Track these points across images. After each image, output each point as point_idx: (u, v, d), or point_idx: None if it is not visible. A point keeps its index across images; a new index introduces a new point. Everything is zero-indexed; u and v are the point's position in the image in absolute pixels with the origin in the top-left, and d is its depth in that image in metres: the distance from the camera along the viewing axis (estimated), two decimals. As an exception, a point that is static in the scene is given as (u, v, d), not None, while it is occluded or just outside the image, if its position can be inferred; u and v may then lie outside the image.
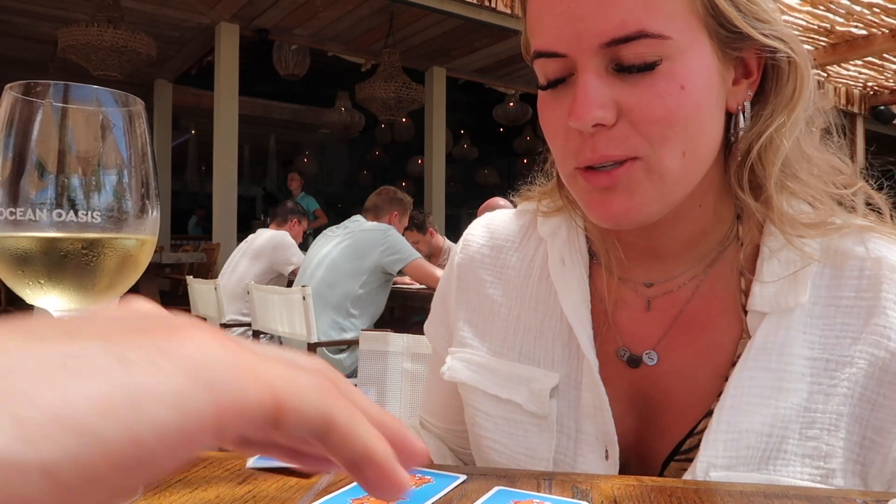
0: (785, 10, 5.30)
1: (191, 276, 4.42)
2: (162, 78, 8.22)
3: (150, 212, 0.49)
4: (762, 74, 0.60)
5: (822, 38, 5.87)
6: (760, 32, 0.56)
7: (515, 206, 0.81)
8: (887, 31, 5.51)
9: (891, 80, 6.67)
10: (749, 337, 0.60)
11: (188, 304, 4.31)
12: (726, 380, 0.59)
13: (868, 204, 0.63)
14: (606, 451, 0.62)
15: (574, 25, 0.54)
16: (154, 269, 5.21)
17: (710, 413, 0.59)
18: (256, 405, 0.21)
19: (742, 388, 0.58)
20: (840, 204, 0.62)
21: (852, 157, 0.65)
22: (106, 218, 0.45)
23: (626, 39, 0.52)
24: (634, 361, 0.65)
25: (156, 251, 0.57)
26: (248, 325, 3.61)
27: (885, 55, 6.06)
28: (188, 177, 13.44)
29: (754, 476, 0.56)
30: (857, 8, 5.16)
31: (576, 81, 0.56)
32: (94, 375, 0.18)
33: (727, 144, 0.61)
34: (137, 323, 0.21)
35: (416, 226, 4.22)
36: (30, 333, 0.19)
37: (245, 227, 6.52)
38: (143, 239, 0.49)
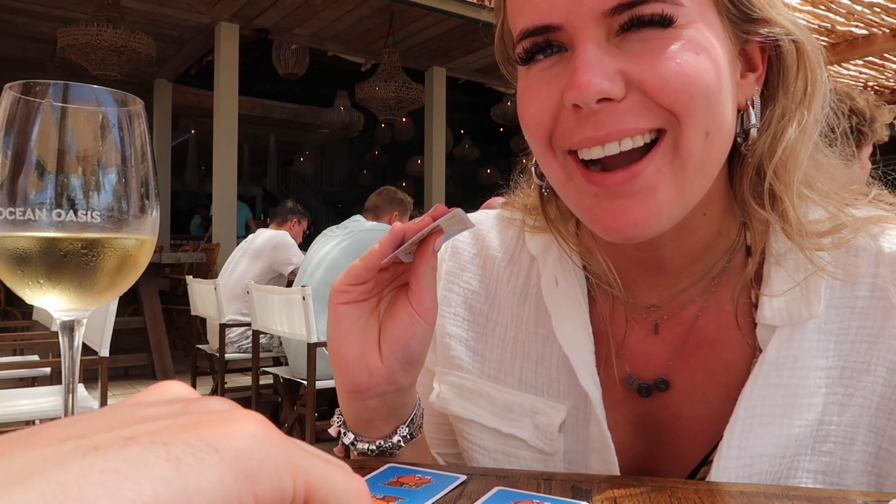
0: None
1: (190, 276, 4.42)
2: (162, 78, 8.22)
3: (149, 212, 0.49)
4: (768, 70, 0.55)
5: (822, 38, 5.87)
6: (769, 14, 0.52)
7: None
8: (888, 31, 5.51)
9: (891, 80, 6.67)
10: (760, 352, 0.56)
11: (188, 304, 4.31)
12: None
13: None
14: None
15: None
16: (154, 268, 5.21)
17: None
18: (291, 492, 0.22)
19: (753, 410, 0.54)
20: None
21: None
22: (105, 218, 0.45)
23: (634, 3, 0.47)
24: (646, 391, 0.60)
25: (155, 251, 0.57)
26: (248, 324, 3.61)
27: (885, 55, 6.06)
28: (188, 177, 13.44)
29: None
30: (858, 7, 5.16)
31: (572, 55, 0.50)
32: (146, 479, 0.19)
33: (733, 148, 0.55)
34: (184, 418, 0.22)
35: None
36: (86, 441, 0.20)
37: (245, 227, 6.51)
38: (142, 239, 0.49)
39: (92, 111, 0.46)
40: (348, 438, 0.57)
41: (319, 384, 2.86)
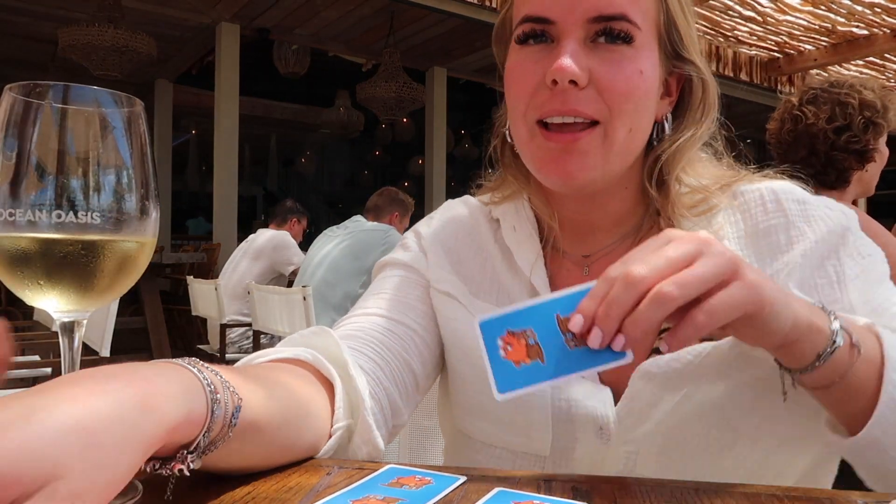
0: (786, 10, 5.30)
1: (191, 276, 4.42)
2: (162, 78, 8.22)
3: (149, 213, 0.49)
4: (679, 97, 0.75)
5: (823, 38, 5.87)
6: (692, 57, 0.71)
7: None
8: (888, 31, 5.51)
9: (892, 81, 6.66)
10: None
11: (189, 304, 4.31)
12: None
13: None
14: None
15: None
16: (154, 269, 5.21)
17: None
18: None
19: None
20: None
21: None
22: (105, 219, 0.45)
23: (611, 18, 0.65)
24: None
25: (156, 251, 0.57)
26: (249, 325, 3.62)
27: (886, 55, 6.06)
28: (188, 177, 13.44)
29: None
30: (859, 8, 5.16)
31: (559, 45, 0.66)
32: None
33: (648, 148, 0.74)
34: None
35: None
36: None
37: (246, 228, 6.52)
38: (142, 241, 0.49)
39: (92, 112, 0.46)
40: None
41: (320, 384, 2.85)
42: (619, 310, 0.48)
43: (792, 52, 6.29)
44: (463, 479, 0.48)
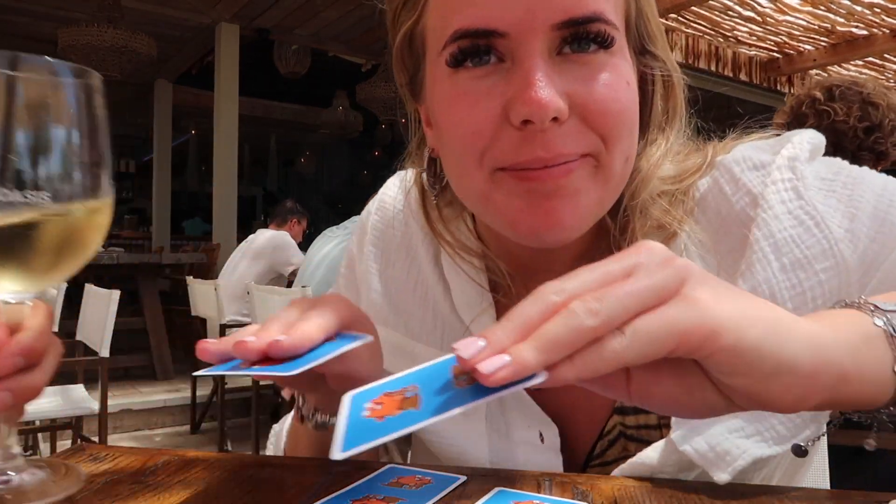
0: (786, 10, 5.30)
1: (190, 277, 4.42)
2: (162, 78, 8.22)
3: (102, 191, 0.46)
4: (651, 98, 0.59)
5: (822, 39, 5.87)
6: (660, 52, 0.57)
7: None
8: (888, 32, 5.51)
9: (891, 81, 6.66)
10: None
11: (188, 305, 4.31)
12: None
13: None
14: (540, 433, 0.61)
15: (525, 1, 0.48)
16: (154, 269, 5.21)
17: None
18: None
19: None
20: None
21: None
22: (54, 194, 0.43)
23: (583, 21, 0.48)
24: None
25: (155, 251, 0.56)
26: (248, 325, 3.61)
27: (885, 55, 6.06)
28: (188, 177, 13.44)
29: None
30: (858, 8, 5.16)
31: (517, 66, 0.49)
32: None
33: None
34: None
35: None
36: None
37: (245, 228, 6.52)
38: (92, 218, 0.46)
39: (43, 81, 0.43)
40: (308, 410, 0.60)
41: (319, 384, 2.85)
42: (517, 321, 0.35)
43: (791, 52, 6.29)
44: (463, 478, 0.48)
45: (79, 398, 2.84)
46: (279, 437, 0.72)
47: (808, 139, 0.59)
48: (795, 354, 0.36)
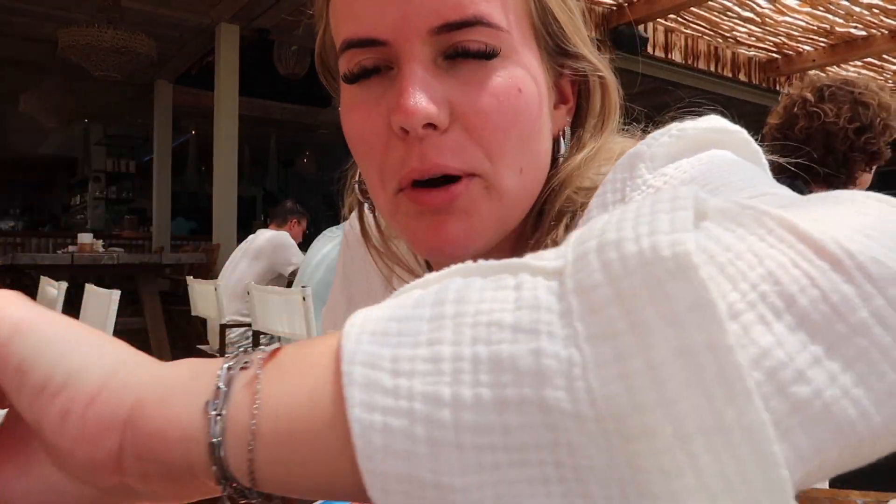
0: (785, 10, 5.31)
1: (191, 277, 4.42)
2: (162, 78, 8.22)
3: None
4: (577, 102, 0.57)
5: (821, 39, 5.87)
6: (581, 51, 0.54)
7: None
8: (887, 33, 5.52)
9: (890, 81, 6.67)
10: None
11: (188, 305, 4.32)
12: None
13: None
14: None
15: (399, 6, 0.46)
16: (154, 269, 5.21)
17: None
18: None
19: None
20: None
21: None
22: None
23: (461, 25, 0.46)
24: None
25: (155, 251, 0.56)
26: (248, 325, 3.62)
27: (884, 56, 6.07)
28: (188, 177, 13.44)
29: None
30: (857, 9, 5.16)
31: (399, 74, 0.47)
32: None
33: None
34: None
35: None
36: None
37: (245, 228, 6.52)
38: None
39: None
40: None
41: (319, 384, 2.85)
42: None
43: (790, 52, 6.29)
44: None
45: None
46: None
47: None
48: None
